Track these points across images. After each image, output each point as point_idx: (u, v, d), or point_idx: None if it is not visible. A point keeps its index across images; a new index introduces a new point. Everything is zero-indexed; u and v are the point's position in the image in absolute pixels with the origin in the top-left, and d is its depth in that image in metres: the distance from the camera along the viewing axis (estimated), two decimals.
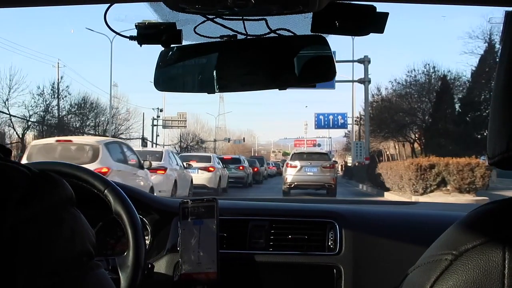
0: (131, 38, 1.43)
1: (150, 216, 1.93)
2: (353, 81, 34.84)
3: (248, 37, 1.49)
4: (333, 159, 45.82)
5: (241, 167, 28.81)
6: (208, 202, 1.70)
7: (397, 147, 45.78)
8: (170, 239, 1.90)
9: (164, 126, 55.17)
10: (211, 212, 1.68)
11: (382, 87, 36.55)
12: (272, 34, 1.48)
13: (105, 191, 1.58)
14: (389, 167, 22.19)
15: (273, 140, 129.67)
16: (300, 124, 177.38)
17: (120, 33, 1.48)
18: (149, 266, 1.63)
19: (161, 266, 1.84)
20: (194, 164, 20.28)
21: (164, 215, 1.94)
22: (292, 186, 20.83)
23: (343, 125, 48.98)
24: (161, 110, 54.71)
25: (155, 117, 53.68)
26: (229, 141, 78.51)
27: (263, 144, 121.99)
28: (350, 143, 62.26)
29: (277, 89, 1.52)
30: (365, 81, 31.77)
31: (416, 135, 37.19)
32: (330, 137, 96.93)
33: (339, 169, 62.41)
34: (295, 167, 20.97)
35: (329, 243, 1.91)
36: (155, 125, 53.35)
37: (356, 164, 36.40)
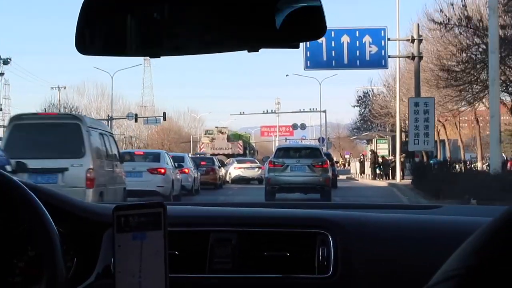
0: None
1: (73, 228, 1.67)
2: None
3: None
4: (328, 150, 36.22)
5: None
6: (153, 207, 1.41)
7: (454, 125, 29.05)
8: (101, 260, 1.67)
9: None
10: (157, 222, 1.40)
11: None
12: None
13: (11, 196, 1.33)
14: None
15: (225, 121, 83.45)
16: (269, 104, 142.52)
17: None
18: None
19: None
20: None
21: (93, 226, 1.71)
22: (276, 188, 19.66)
23: (376, 60, 23.17)
24: (5, 63, 33.91)
25: None
26: (136, 120, 50.62)
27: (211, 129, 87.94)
28: (374, 113, 39.76)
29: (246, 51, 1.31)
30: None
31: None
32: (325, 110, 57.57)
33: (370, 172, 37.20)
34: (280, 166, 19.85)
35: (320, 262, 1.68)
36: None
37: (425, 157, 20.37)
